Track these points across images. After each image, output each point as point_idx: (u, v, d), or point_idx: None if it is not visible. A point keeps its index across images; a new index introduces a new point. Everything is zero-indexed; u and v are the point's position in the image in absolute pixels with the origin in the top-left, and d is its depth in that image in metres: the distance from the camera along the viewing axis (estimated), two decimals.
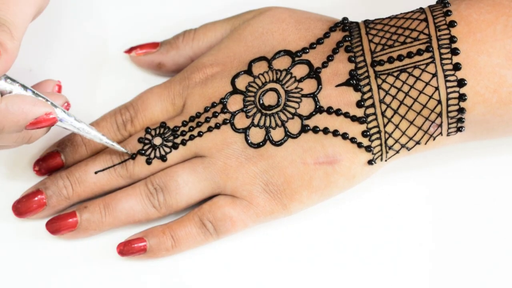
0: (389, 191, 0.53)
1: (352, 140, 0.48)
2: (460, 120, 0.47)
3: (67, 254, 0.51)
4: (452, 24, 0.47)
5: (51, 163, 0.52)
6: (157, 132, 0.50)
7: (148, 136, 0.51)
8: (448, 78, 0.46)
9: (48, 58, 0.56)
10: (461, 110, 0.46)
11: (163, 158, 0.50)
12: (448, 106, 0.47)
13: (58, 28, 0.57)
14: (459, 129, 0.48)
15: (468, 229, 0.52)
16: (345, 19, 0.50)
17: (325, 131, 0.48)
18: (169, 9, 0.57)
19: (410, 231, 0.52)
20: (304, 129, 0.48)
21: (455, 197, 0.52)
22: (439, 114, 0.47)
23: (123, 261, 0.51)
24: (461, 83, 0.46)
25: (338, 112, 0.48)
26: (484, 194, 0.52)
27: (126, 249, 0.50)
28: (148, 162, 0.50)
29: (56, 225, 0.50)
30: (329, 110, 0.48)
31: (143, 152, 0.50)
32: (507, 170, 0.53)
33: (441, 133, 0.48)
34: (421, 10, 0.49)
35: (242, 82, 0.50)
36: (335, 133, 0.48)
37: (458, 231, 0.52)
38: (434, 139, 0.48)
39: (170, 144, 0.50)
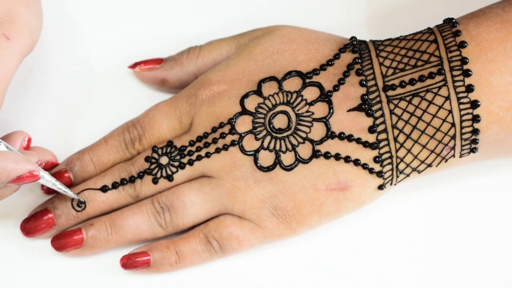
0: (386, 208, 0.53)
1: (364, 166, 0.47)
2: (474, 141, 0.47)
3: (70, 266, 0.51)
4: (462, 44, 0.46)
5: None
6: (164, 151, 0.50)
7: (155, 155, 0.50)
8: (461, 101, 0.46)
9: (50, 72, 0.55)
10: (475, 131, 0.46)
11: (169, 178, 0.49)
12: (462, 128, 0.46)
13: (61, 40, 0.56)
14: (472, 150, 0.47)
15: (463, 239, 0.52)
16: (353, 39, 0.49)
17: (337, 157, 0.47)
18: (174, 26, 0.56)
19: (407, 248, 0.52)
20: (315, 154, 0.48)
21: (454, 211, 0.53)
22: (453, 137, 0.47)
23: (126, 275, 0.51)
24: (474, 104, 0.46)
25: (350, 138, 0.47)
26: (482, 215, 0.52)
27: (130, 262, 0.50)
28: (155, 181, 0.50)
29: (61, 242, 0.50)
30: (341, 136, 0.47)
31: (149, 171, 0.50)
32: (505, 188, 0.53)
33: (453, 155, 0.48)
34: (430, 31, 0.48)
35: (251, 103, 0.49)
36: (347, 159, 0.47)
37: (454, 232, 0.52)
38: (446, 161, 0.48)
39: (176, 164, 0.50)
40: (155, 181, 0.50)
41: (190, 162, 0.49)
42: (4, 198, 0.47)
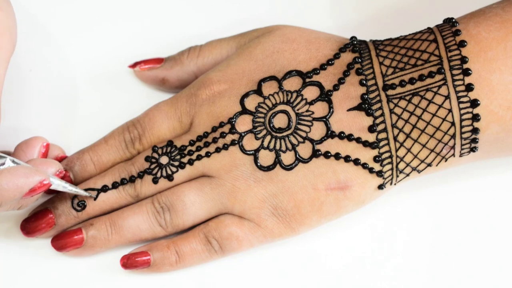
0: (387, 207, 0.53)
1: (364, 165, 0.47)
2: (474, 140, 0.47)
3: (70, 266, 0.51)
4: (462, 44, 0.46)
5: None
6: (164, 150, 0.50)
7: (155, 155, 0.50)
8: (461, 100, 0.46)
9: (50, 72, 0.55)
10: (475, 131, 0.46)
11: (169, 177, 0.49)
12: (461, 127, 0.46)
13: (61, 40, 0.56)
14: (472, 150, 0.47)
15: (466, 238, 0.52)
16: (353, 39, 0.49)
17: (337, 156, 0.47)
18: (174, 26, 0.56)
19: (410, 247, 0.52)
20: (315, 154, 0.48)
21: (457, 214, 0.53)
22: (453, 136, 0.47)
23: (126, 275, 0.51)
24: (474, 103, 0.46)
25: (350, 138, 0.47)
26: (483, 214, 0.52)
27: (130, 262, 0.50)
28: (155, 181, 0.50)
29: (61, 242, 0.50)
30: (341, 135, 0.47)
31: (149, 171, 0.50)
32: (506, 188, 0.53)
33: (453, 155, 0.48)
34: (430, 31, 0.48)
35: (251, 102, 0.49)
36: (347, 158, 0.47)
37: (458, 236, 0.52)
38: (446, 160, 0.48)
39: (177, 163, 0.49)
40: (155, 181, 0.50)
41: (190, 162, 0.49)
42: (26, 207, 0.47)
